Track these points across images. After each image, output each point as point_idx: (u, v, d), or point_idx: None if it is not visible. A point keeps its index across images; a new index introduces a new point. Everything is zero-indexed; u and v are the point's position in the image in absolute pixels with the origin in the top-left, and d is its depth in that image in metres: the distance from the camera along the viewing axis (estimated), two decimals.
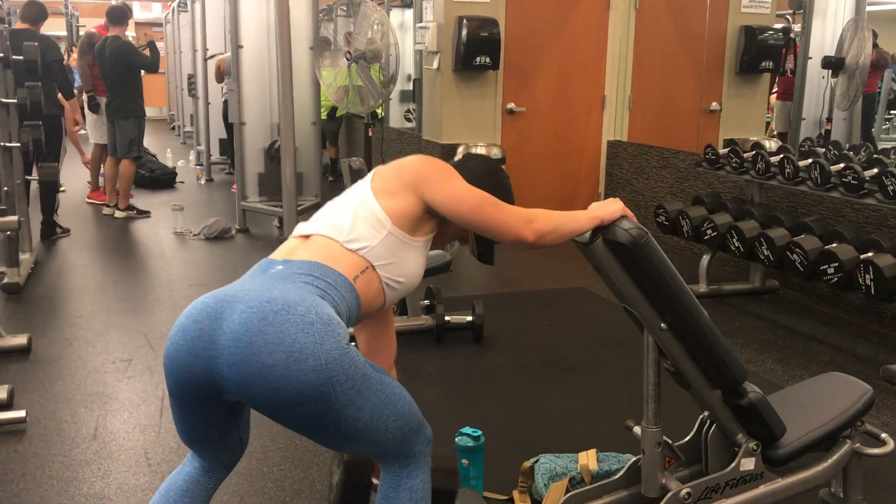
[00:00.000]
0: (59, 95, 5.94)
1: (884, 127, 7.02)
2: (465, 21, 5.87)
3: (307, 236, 1.76)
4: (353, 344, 1.60)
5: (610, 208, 1.88)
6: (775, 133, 7.01)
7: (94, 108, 6.99)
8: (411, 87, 8.21)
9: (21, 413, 2.94)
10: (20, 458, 2.72)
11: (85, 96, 7.16)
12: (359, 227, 1.72)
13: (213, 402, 1.61)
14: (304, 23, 6.18)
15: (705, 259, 4.62)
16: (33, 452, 2.76)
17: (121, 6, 6.64)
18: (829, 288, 4.13)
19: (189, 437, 1.70)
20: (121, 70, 6.41)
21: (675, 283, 1.96)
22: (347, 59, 5.74)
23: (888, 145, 6.64)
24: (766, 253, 4.04)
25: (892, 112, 6.95)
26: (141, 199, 7.36)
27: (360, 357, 1.56)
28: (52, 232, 5.91)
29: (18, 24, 5.69)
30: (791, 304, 4.55)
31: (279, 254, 1.74)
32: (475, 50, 5.90)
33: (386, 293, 1.77)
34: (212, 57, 8.26)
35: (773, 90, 7.15)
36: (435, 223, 1.83)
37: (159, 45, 10.93)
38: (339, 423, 1.51)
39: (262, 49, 6.26)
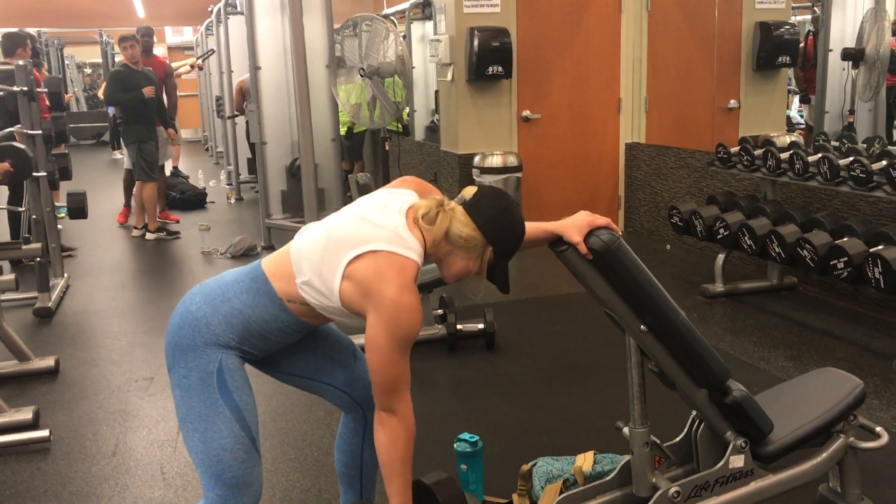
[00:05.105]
0: None
1: None
2: (476, 32, 5.94)
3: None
4: (229, 360, 1.81)
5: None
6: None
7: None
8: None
9: (45, 433, 3.07)
10: (42, 475, 2.84)
11: None
12: (315, 282, 1.77)
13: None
14: (319, 41, 6.29)
15: (720, 258, 4.61)
16: (56, 470, 2.88)
17: (119, 38, 6.84)
18: (842, 283, 4.10)
19: None
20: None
21: (649, 285, 1.99)
22: (361, 75, 5.85)
23: None
24: (777, 250, 4.03)
25: None
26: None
27: (211, 369, 1.77)
28: None
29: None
30: (809, 300, 4.52)
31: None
32: (487, 60, 5.96)
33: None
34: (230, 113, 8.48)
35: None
36: None
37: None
38: (174, 392, 1.83)
39: (280, 69, 6.39)
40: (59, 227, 5.59)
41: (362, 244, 1.73)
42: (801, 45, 6.91)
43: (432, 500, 1.87)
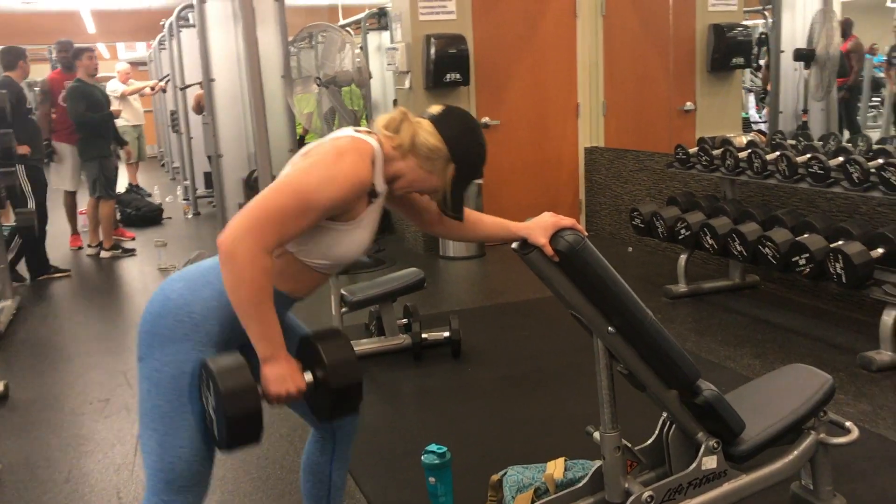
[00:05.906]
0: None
1: (869, 114, 7.03)
2: (432, 39, 5.90)
3: None
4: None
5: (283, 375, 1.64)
6: None
7: (49, 155, 6.91)
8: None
9: None
10: None
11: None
12: None
13: None
14: (274, 52, 6.21)
15: (682, 259, 4.61)
16: (4, 500, 2.75)
17: (75, 50, 6.61)
18: (804, 279, 4.12)
19: None
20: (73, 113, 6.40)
21: (616, 286, 1.95)
22: (318, 85, 5.78)
23: (875, 133, 6.67)
24: (739, 248, 4.04)
25: (875, 99, 6.97)
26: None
27: (186, 368, 1.66)
28: (45, 271, 5.97)
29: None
30: (771, 298, 4.54)
31: None
32: (444, 67, 5.92)
33: (314, 272, 1.74)
34: (187, 87, 8.30)
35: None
36: (357, 207, 1.70)
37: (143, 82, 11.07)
38: (140, 384, 1.73)
39: (234, 81, 6.30)
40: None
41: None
42: (765, 48, 7.02)
43: (318, 357, 1.66)
